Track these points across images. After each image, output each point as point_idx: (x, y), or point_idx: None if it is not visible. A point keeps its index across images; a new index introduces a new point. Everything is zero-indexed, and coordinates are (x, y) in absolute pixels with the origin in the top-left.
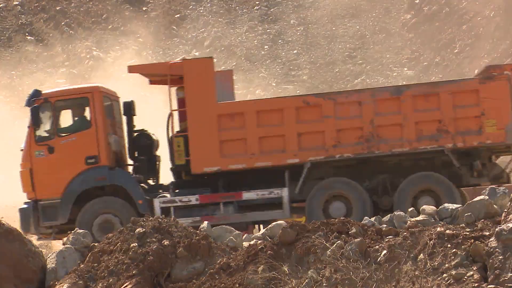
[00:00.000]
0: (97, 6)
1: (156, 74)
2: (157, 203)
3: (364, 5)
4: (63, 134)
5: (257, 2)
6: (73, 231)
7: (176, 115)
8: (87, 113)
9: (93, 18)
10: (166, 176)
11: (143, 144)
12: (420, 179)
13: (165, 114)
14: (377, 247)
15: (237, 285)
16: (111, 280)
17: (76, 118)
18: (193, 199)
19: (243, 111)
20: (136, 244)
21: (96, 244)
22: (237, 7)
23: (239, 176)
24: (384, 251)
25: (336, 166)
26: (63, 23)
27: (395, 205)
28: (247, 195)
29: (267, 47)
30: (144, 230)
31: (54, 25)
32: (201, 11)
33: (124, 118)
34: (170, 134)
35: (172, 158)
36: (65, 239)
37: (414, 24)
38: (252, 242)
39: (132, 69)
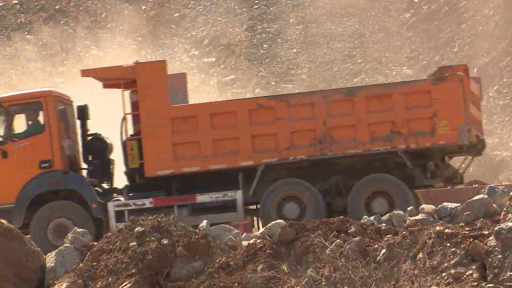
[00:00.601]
0: (96, 5)
1: (110, 78)
2: (111, 207)
3: (363, 4)
4: (17, 139)
5: (256, 1)
6: (72, 230)
7: (130, 118)
8: (41, 117)
9: (92, 17)
10: (121, 179)
11: (97, 148)
12: (373, 181)
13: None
14: (376, 246)
15: (236, 284)
16: (110, 279)
17: (29, 123)
18: (147, 203)
19: (196, 114)
20: (135, 243)
21: (95, 243)
22: (236, 6)
23: (193, 178)
24: (383, 250)
25: (289, 168)
26: (62, 22)
27: (348, 207)
28: (201, 198)
29: (266, 46)
30: (143, 229)
31: (53, 24)
32: (200, 10)
33: (78, 122)
34: (124, 138)
35: (126, 162)
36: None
37: (413, 23)
38: (251, 241)
39: (85, 73)
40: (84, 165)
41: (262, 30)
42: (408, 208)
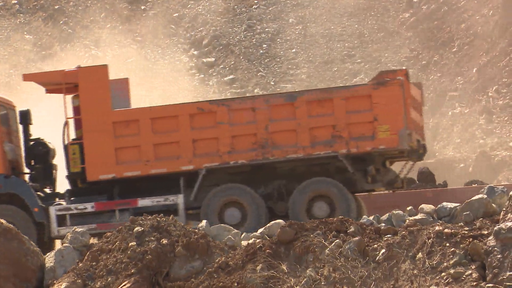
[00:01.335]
0: (95, 5)
1: (51, 83)
2: (52, 211)
3: (363, 4)
4: None
5: (255, 1)
6: (72, 230)
7: (72, 123)
8: None
9: (92, 17)
10: (64, 184)
11: (39, 152)
12: (314, 185)
13: None
14: (375, 246)
15: (236, 284)
16: (109, 279)
17: None
18: (89, 207)
19: (138, 118)
20: (135, 243)
21: (94, 243)
22: (236, 6)
23: (135, 183)
24: (383, 250)
25: (231, 173)
26: (61, 22)
27: (290, 211)
28: (143, 202)
29: (265, 45)
30: (142, 229)
31: (52, 24)
32: (200, 10)
33: (20, 127)
34: (66, 142)
35: (67, 166)
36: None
37: (412, 23)
38: (250, 241)
39: (27, 77)
40: (26, 170)
41: (261, 30)
42: (408, 208)
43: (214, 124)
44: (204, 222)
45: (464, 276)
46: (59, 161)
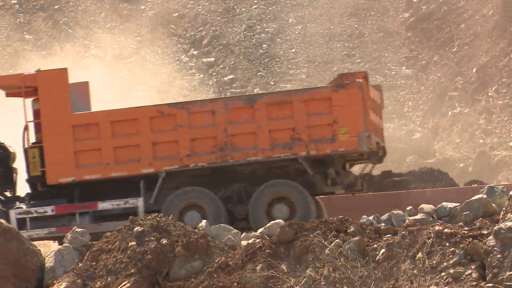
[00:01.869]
0: (95, 5)
1: (10, 86)
2: (13, 215)
3: (363, 4)
4: None
5: (255, 1)
6: (72, 230)
7: (32, 126)
8: None
9: (91, 17)
10: (24, 188)
11: (0, 156)
12: (274, 187)
13: None
14: (375, 246)
15: (236, 284)
16: (109, 279)
17: None
18: (49, 210)
19: (97, 121)
20: (135, 243)
21: (94, 242)
22: (236, 5)
23: (96, 186)
24: (383, 250)
25: (191, 176)
26: (61, 22)
27: (250, 213)
28: (103, 205)
29: (265, 45)
30: (142, 229)
31: (52, 24)
32: (199, 9)
33: None
34: (26, 146)
35: (27, 170)
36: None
37: (412, 23)
38: (250, 241)
39: None
40: None
41: (261, 30)
42: (408, 208)
43: (174, 127)
44: (204, 222)
45: (464, 276)
46: (20, 164)
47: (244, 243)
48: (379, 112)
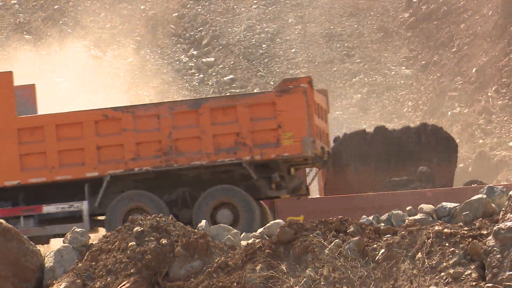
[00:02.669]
0: (95, 5)
1: None
2: None
3: (362, 4)
4: None
5: (255, 1)
6: (71, 230)
7: None
8: None
9: (91, 16)
10: None
11: None
12: (218, 192)
13: None
14: (375, 246)
15: (235, 284)
16: (109, 279)
17: None
18: None
19: (42, 124)
20: (134, 243)
21: (94, 243)
22: (235, 5)
23: (41, 189)
24: (382, 250)
25: (136, 179)
26: (61, 22)
27: (194, 218)
28: (47, 209)
29: (265, 45)
30: (142, 229)
31: (52, 24)
32: (199, 9)
33: None
34: None
35: None
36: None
37: (412, 23)
38: (250, 241)
39: None
40: None
41: (261, 30)
42: (407, 208)
43: (119, 131)
44: (203, 222)
45: (463, 276)
46: None
47: (243, 243)
48: (324, 116)
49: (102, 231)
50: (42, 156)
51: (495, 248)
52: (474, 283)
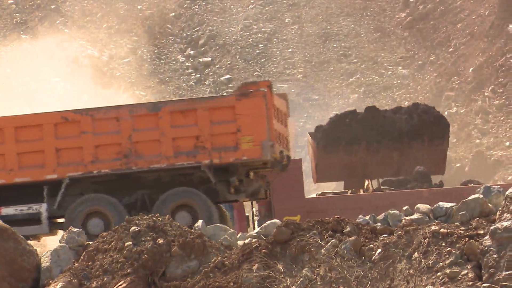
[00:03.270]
0: (91, 5)
1: None
2: None
3: (359, 3)
4: None
5: (252, 1)
6: (67, 230)
7: None
8: None
9: (88, 16)
10: None
11: None
12: (176, 195)
13: None
14: (371, 245)
15: (232, 284)
16: (105, 279)
17: None
18: None
19: (1, 127)
20: (131, 243)
21: (90, 242)
22: (232, 5)
23: (0, 191)
24: (379, 250)
25: (96, 182)
26: (57, 22)
27: None
28: (6, 211)
29: (261, 45)
30: (138, 229)
31: (49, 24)
32: (196, 9)
33: None
34: None
35: None
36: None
37: (409, 23)
38: (246, 241)
39: None
40: None
41: (257, 29)
42: (404, 208)
43: (78, 134)
44: (200, 222)
45: (460, 276)
46: None
47: (240, 243)
48: (284, 120)
49: (61, 233)
50: (1, 158)
51: (491, 248)
52: (470, 283)
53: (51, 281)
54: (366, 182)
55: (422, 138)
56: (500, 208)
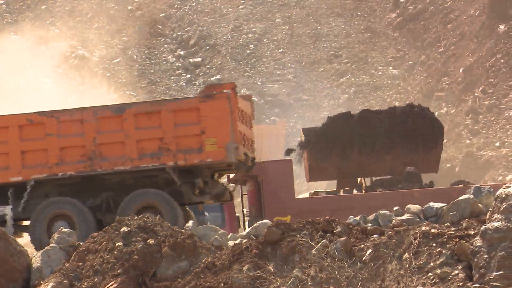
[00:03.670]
0: (82, 5)
1: None
2: None
3: (349, 4)
4: None
5: (242, 1)
6: (58, 230)
7: None
8: None
9: (78, 17)
10: None
11: None
12: (141, 196)
13: None
14: (362, 246)
15: (222, 284)
16: (96, 279)
17: None
18: None
19: None
20: (121, 243)
21: (81, 243)
22: (222, 6)
23: None
24: (369, 250)
25: (61, 184)
26: (48, 22)
27: None
28: None
29: (252, 46)
30: (129, 229)
31: (39, 24)
32: (186, 10)
33: None
34: None
35: None
36: None
37: (399, 23)
38: (237, 241)
39: None
40: None
41: (248, 30)
42: (394, 208)
43: (43, 136)
44: (190, 222)
45: (450, 276)
46: None
47: (231, 243)
48: (248, 122)
49: (26, 236)
50: None
51: (482, 249)
52: (461, 284)
53: (41, 282)
54: (359, 179)
55: (416, 142)
56: (490, 209)
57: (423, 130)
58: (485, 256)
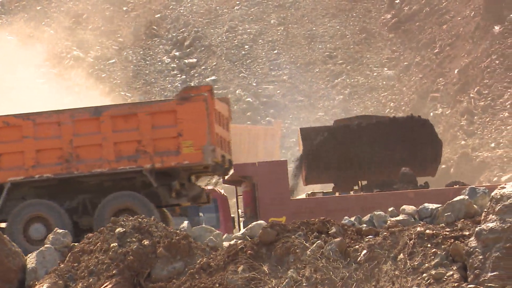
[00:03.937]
0: (77, 6)
1: None
2: None
3: (345, 5)
4: None
5: (237, 2)
6: (53, 231)
7: None
8: None
9: (74, 18)
10: None
11: None
12: (118, 199)
13: None
14: (357, 247)
15: (217, 285)
16: (91, 280)
17: None
18: None
19: None
20: (116, 244)
21: (76, 244)
22: (218, 7)
23: None
24: (364, 251)
25: (38, 187)
26: (43, 23)
27: (95, 225)
28: None
29: (247, 46)
30: (124, 230)
31: (35, 25)
32: (181, 11)
33: None
34: None
35: None
36: None
37: (394, 24)
38: (232, 242)
39: None
40: None
41: (243, 31)
42: (389, 209)
43: (20, 138)
44: (185, 223)
45: (445, 277)
46: None
47: (225, 244)
48: (225, 125)
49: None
50: None
51: (477, 249)
52: (456, 284)
53: (36, 282)
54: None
55: (415, 155)
56: (485, 209)
57: (423, 145)
58: (480, 257)
